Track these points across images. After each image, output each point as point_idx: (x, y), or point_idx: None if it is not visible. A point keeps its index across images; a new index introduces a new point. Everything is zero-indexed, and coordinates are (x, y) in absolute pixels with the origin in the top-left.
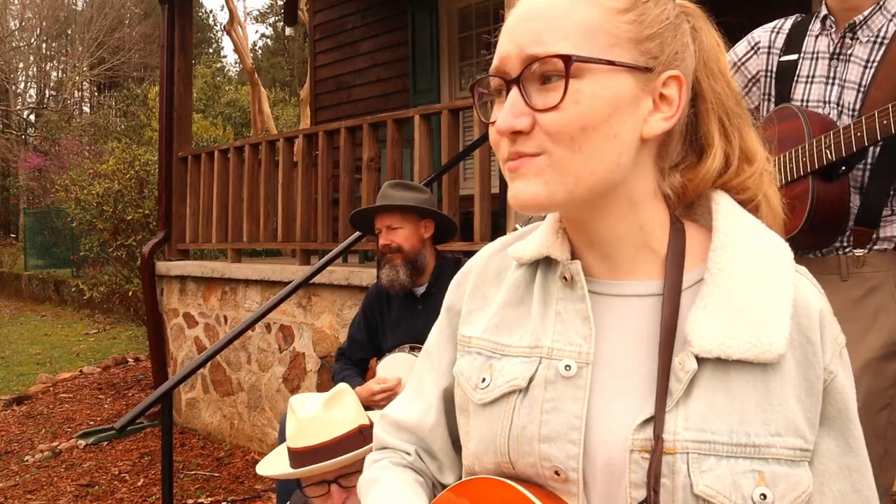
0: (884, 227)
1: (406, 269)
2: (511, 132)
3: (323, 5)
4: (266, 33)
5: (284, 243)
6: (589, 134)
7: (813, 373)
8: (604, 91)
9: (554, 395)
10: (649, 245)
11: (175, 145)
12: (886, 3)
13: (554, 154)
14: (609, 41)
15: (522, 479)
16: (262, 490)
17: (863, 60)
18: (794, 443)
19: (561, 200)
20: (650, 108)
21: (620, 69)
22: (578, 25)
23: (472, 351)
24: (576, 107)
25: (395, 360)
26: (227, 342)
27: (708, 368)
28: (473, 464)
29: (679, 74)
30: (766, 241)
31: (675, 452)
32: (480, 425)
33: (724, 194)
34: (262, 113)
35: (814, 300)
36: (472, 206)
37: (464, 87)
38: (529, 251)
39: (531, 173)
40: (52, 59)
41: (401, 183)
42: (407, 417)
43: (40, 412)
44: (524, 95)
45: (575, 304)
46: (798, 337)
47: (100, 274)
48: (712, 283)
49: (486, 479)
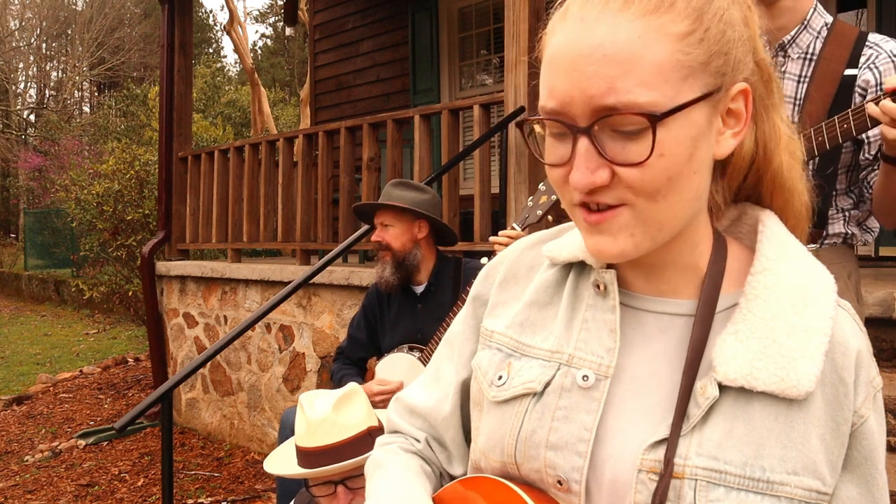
0: (832, 224)
1: (392, 267)
2: (590, 189)
3: (323, 5)
4: (266, 33)
5: (284, 243)
6: (674, 182)
7: (841, 414)
8: (684, 132)
9: (567, 404)
10: (696, 264)
11: (175, 145)
12: (810, 21)
13: (637, 206)
14: (682, 74)
15: (526, 482)
16: (262, 490)
17: (796, 76)
18: (810, 483)
19: (647, 249)
20: (720, 128)
21: (697, 103)
22: (653, 67)
23: (493, 346)
24: (661, 160)
25: (394, 360)
26: (227, 342)
27: (730, 396)
28: (480, 459)
29: (746, 87)
30: (809, 272)
31: (684, 478)
32: (491, 423)
33: (771, 214)
34: (262, 113)
35: (853, 339)
36: (472, 206)
37: (464, 86)
38: (565, 253)
39: (615, 228)
40: (52, 59)
41: (404, 182)
42: (422, 403)
43: (40, 412)
44: (597, 147)
45: (604, 315)
46: (830, 375)
47: (100, 274)
48: (746, 308)
49: (491, 478)
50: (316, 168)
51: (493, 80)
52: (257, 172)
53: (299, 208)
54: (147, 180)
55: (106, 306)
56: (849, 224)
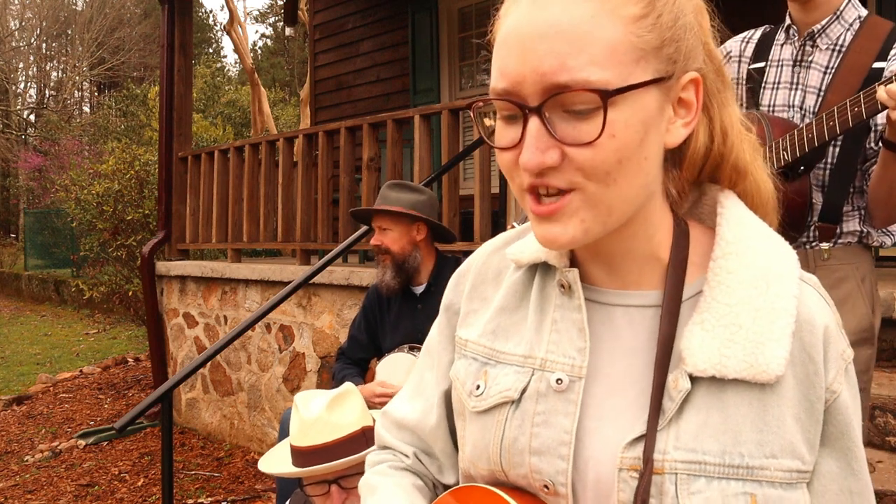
0: (846, 221)
1: (393, 270)
2: (540, 169)
3: (323, 5)
4: (266, 33)
5: (284, 243)
6: (624, 165)
7: (814, 392)
8: (635, 115)
9: (545, 409)
10: (656, 253)
11: (175, 145)
12: (843, 13)
13: (587, 189)
14: (634, 56)
15: (516, 488)
16: (262, 490)
17: (822, 67)
18: (790, 465)
19: (597, 235)
20: (671, 116)
21: (649, 86)
22: (604, 46)
23: (468, 355)
24: (611, 141)
25: (395, 360)
26: (227, 342)
27: (703, 387)
28: (469, 468)
29: (696, 76)
30: (770, 251)
31: (664, 473)
32: (475, 432)
33: (729, 194)
34: (262, 113)
35: (819, 315)
36: (472, 206)
37: (464, 86)
38: (527, 254)
39: (566, 215)
40: (52, 59)
41: (400, 184)
42: (408, 417)
43: (40, 412)
44: (548, 127)
45: (571, 314)
46: (799, 354)
47: (100, 274)
48: (710, 296)
49: (481, 487)
50: (316, 168)
51: None
52: (257, 172)
53: (299, 208)
54: (147, 180)
55: (106, 306)
56: (865, 223)
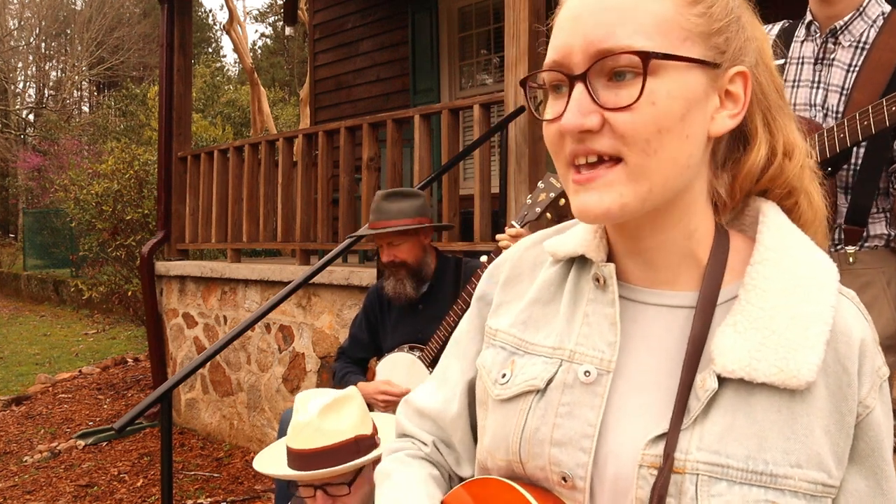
0: (872, 224)
1: (412, 280)
2: (580, 131)
3: (323, 5)
4: (266, 33)
5: (284, 243)
6: (664, 136)
7: (846, 405)
8: (678, 89)
9: (570, 400)
10: (694, 254)
11: (174, 145)
12: (867, 9)
13: (630, 160)
14: (681, 35)
15: (531, 481)
16: (262, 490)
17: (845, 64)
18: (815, 476)
19: (634, 211)
20: (717, 106)
21: (694, 65)
22: (652, 18)
23: (497, 344)
24: (651, 108)
25: (395, 359)
26: (227, 342)
27: (731, 389)
28: (486, 459)
29: (745, 70)
30: (810, 260)
31: (685, 472)
32: (496, 421)
33: (773, 205)
34: (262, 113)
35: (856, 327)
36: (472, 206)
37: (464, 86)
38: (565, 248)
39: (604, 185)
40: (51, 59)
41: (394, 192)
42: (429, 405)
43: (39, 412)
44: (591, 92)
45: (604, 308)
46: (833, 365)
47: (99, 274)
48: (745, 299)
49: (496, 479)
50: (316, 168)
51: (493, 79)
52: (257, 172)
53: (299, 208)
54: (146, 180)
55: (105, 306)
56: (892, 226)
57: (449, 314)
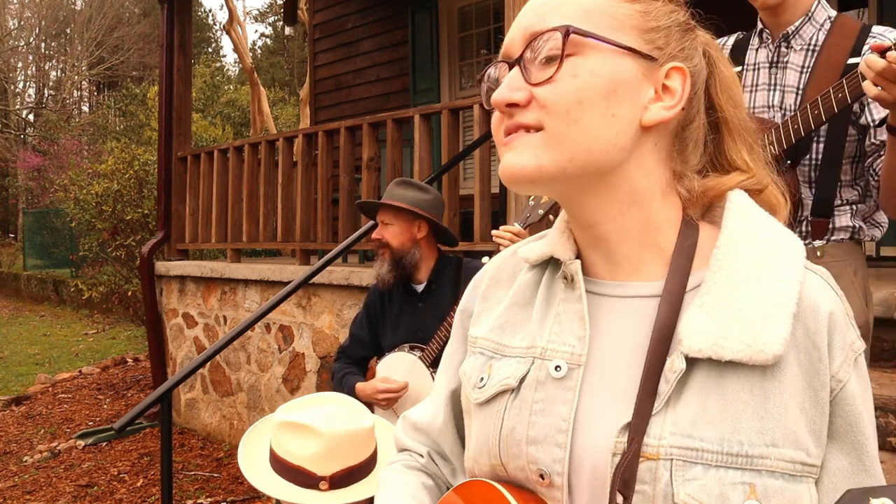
0: (837, 216)
1: (390, 264)
2: (507, 104)
3: (323, 5)
4: (265, 33)
5: (284, 243)
6: (585, 107)
7: (818, 380)
8: (603, 69)
9: (543, 397)
10: (656, 243)
11: (174, 145)
12: (814, 14)
13: (550, 128)
14: (612, 24)
15: (514, 483)
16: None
17: (798, 66)
18: (792, 455)
19: (551, 174)
20: (651, 97)
21: (622, 52)
22: (582, 8)
23: (476, 351)
24: (572, 80)
25: (395, 359)
26: (227, 342)
27: (702, 371)
28: (473, 467)
29: (683, 67)
30: (775, 238)
31: (659, 458)
32: (477, 426)
33: (740, 192)
34: (262, 112)
35: (824, 301)
36: (472, 206)
37: (464, 86)
38: (536, 252)
39: (522, 145)
40: (51, 59)
41: (407, 181)
42: (421, 419)
43: (39, 412)
44: (524, 72)
45: (573, 305)
46: (803, 341)
47: (99, 274)
48: (711, 281)
49: (480, 481)
50: (315, 168)
51: None
52: (257, 172)
53: (299, 208)
54: (146, 180)
55: (105, 306)
56: (855, 217)
57: (450, 314)
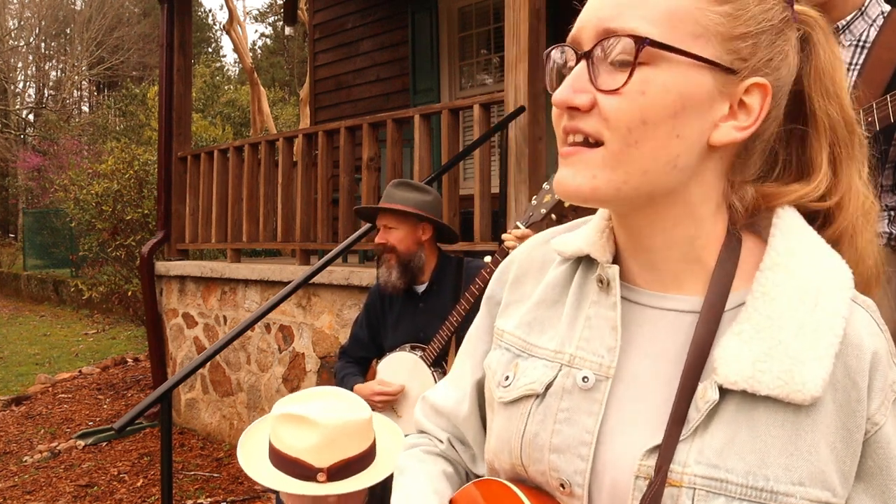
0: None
1: (398, 270)
2: (567, 107)
3: (323, 5)
4: (265, 33)
5: (284, 243)
6: (649, 128)
7: (853, 421)
8: (675, 84)
9: (569, 406)
10: (700, 259)
11: (174, 145)
12: (867, 9)
13: (609, 145)
14: (694, 30)
15: (535, 485)
16: (262, 490)
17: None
18: (818, 495)
19: (605, 196)
20: (724, 114)
21: (701, 65)
22: (665, 6)
23: (503, 346)
24: (640, 97)
25: (396, 359)
26: (227, 342)
27: (733, 401)
28: (493, 460)
29: (765, 83)
30: (824, 266)
31: (682, 486)
32: (499, 424)
33: (790, 209)
34: (262, 112)
35: (868, 339)
36: (472, 206)
37: (464, 86)
38: (571, 247)
39: (581, 163)
40: (51, 59)
41: (406, 183)
42: (444, 403)
43: (39, 412)
44: (591, 71)
45: (606, 311)
46: (843, 379)
47: (99, 274)
48: (752, 307)
49: (499, 482)
50: (315, 168)
51: (493, 79)
52: (257, 172)
53: (299, 208)
54: (146, 180)
55: (105, 306)
56: (893, 224)
57: (451, 314)
